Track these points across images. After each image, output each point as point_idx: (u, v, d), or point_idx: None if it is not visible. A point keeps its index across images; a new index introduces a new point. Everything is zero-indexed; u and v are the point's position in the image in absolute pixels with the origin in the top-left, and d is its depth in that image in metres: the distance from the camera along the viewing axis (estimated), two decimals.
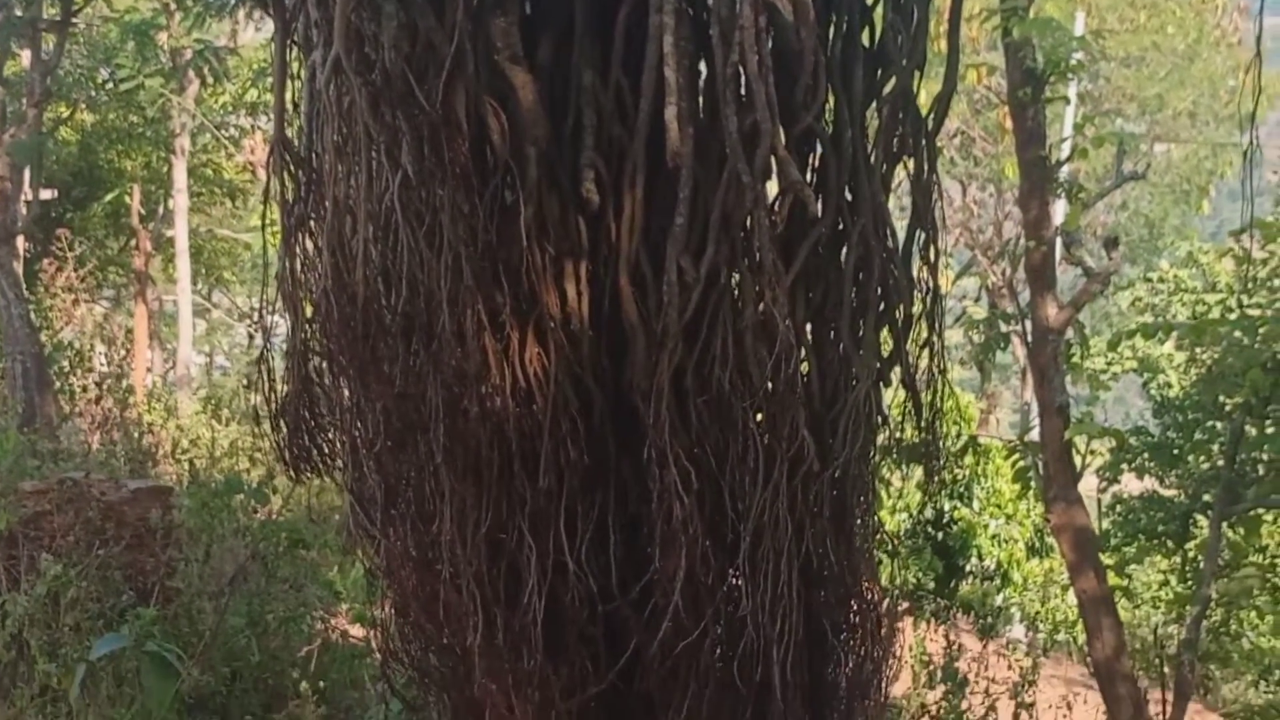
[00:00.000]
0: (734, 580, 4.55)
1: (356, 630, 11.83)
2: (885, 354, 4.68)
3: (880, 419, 4.71)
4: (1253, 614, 18.10)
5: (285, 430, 4.59)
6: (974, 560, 21.62)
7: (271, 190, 4.47)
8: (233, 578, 10.61)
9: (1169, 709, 11.78)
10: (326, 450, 4.69)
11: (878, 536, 5.02)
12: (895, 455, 5.18)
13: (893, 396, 4.79)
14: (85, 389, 18.57)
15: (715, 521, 4.43)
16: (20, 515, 9.74)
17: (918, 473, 16.86)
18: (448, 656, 4.79)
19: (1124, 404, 35.14)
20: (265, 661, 10.58)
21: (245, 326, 45.45)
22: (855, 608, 4.80)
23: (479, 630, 4.46)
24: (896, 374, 4.73)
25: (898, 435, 4.97)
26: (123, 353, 20.89)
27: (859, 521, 4.78)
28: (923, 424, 4.81)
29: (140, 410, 19.21)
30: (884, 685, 4.91)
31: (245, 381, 23.13)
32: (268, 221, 4.58)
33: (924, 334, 4.70)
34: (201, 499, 11.25)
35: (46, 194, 25.40)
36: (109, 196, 28.17)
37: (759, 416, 4.41)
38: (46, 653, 8.70)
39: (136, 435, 17.06)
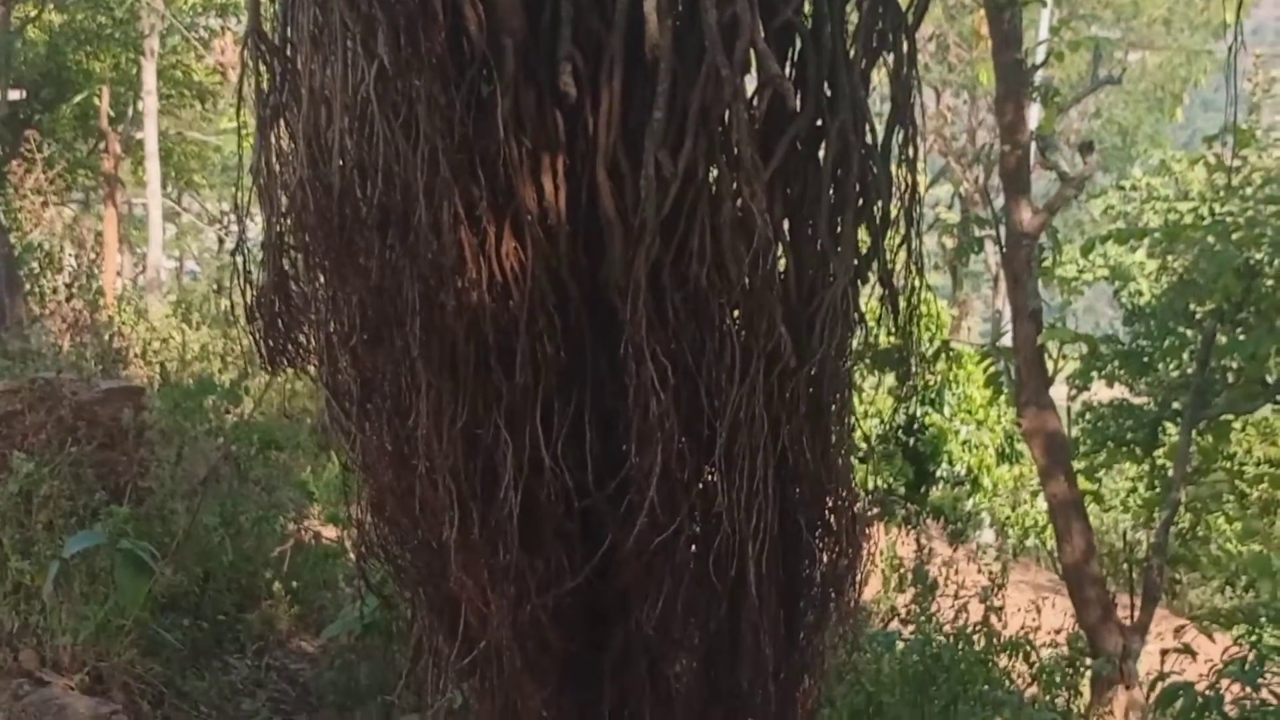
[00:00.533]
0: (710, 477, 4.55)
1: (329, 531, 11.86)
2: (863, 251, 4.66)
3: (857, 316, 4.70)
4: (1220, 520, 18.27)
5: (261, 323, 4.57)
6: (945, 466, 21.77)
7: (246, 80, 4.43)
8: (205, 478, 10.60)
9: (1137, 612, 11.88)
10: (302, 344, 4.66)
11: (852, 437, 5.02)
12: (869, 360, 5.19)
13: (869, 294, 4.77)
14: (55, 290, 18.48)
15: (691, 418, 4.43)
16: None
17: (889, 379, 16.95)
18: (423, 552, 4.79)
19: (1094, 313, 35.25)
20: (238, 562, 10.61)
21: (215, 231, 45.26)
22: (830, 504, 4.81)
23: (455, 525, 4.45)
24: (874, 271, 4.71)
25: (873, 337, 4.97)
26: (92, 256, 20.78)
27: (835, 419, 4.78)
28: (899, 322, 4.80)
29: (110, 313, 19.13)
30: (858, 581, 4.93)
31: (215, 286, 23.11)
32: (241, 119, 4.54)
33: (901, 231, 4.68)
34: (173, 400, 11.23)
35: (14, 95, 25.18)
36: (78, 98, 27.96)
37: (736, 313, 4.40)
38: (19, 550, 8.68)
39: (107, 337, 16.97)
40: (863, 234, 4.61)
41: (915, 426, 21.77)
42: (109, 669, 8.32)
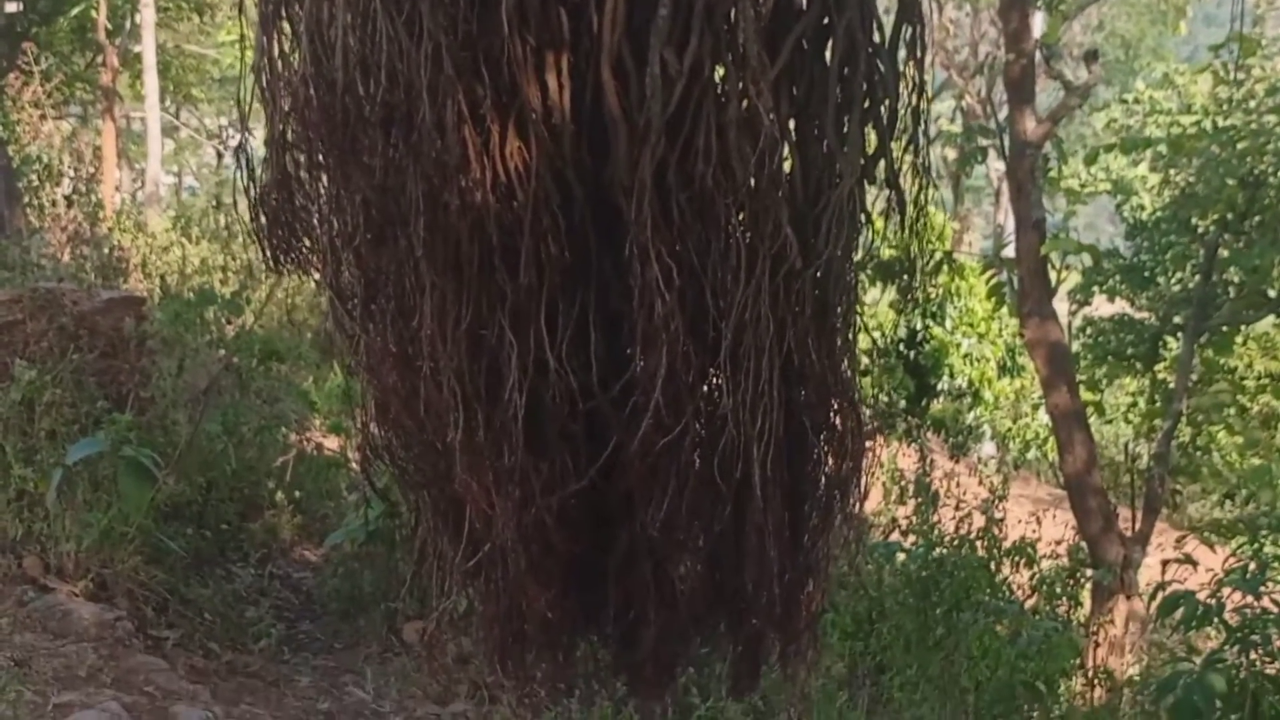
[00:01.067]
0: (715, 379, 4.54)
1: (331, 442, 11.88)
2: (869, 152, 4.62)
3: (863, 218, 4.66)
4: (1221, 435, 18.30)
5: (264, 221, 4.54)
6: (946, 379, 21.75)
7: None
8: (207, 388, 10.60)
9: (1138, 523, 11.90)
10: (306, 244, 4.64)
11: (857, 339, 5.00)
12: (871, 271, 5.17)
13: (875, 200, 4.74)
14: (54, 203, 18.38)
15: (696, 319, 4.40)
16: None
17: (891, 292, 16.92)
18: (428, 454, 4.78)
19: (1095, 230, 35.21)
20: (240, 471, 10.64)
21: (214, 145, 45.08)
22: (835, 406, 4.80)
23: (459, 427, 4.44)
24: (880, 172, 4.67)
25: (876, 249, 4.94)
26: (91, 170, 20.67)
27: (841, 321, 4.76)
28: (905, 223, 4.76)
29: (110, 225, 19.04)
30: (862, 484, 4.92)
31: (215, 201, 23.02)
32: (242, 28, 4.49)
33: (909, 131, 4.64)
34: (174, 311, 11.19)
35: (11, 7, 24.98)
36: (75, 10, 27.70)
37: (741, 214, 4.36)
38: (21, 459, 8.69)
39: (106, 250, 16.91)
40: (869, 134, 4.57)
41: (917, 340, 21.74)
42: (113, 576, 8.36)
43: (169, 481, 9.20)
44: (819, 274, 4.53)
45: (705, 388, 4.57)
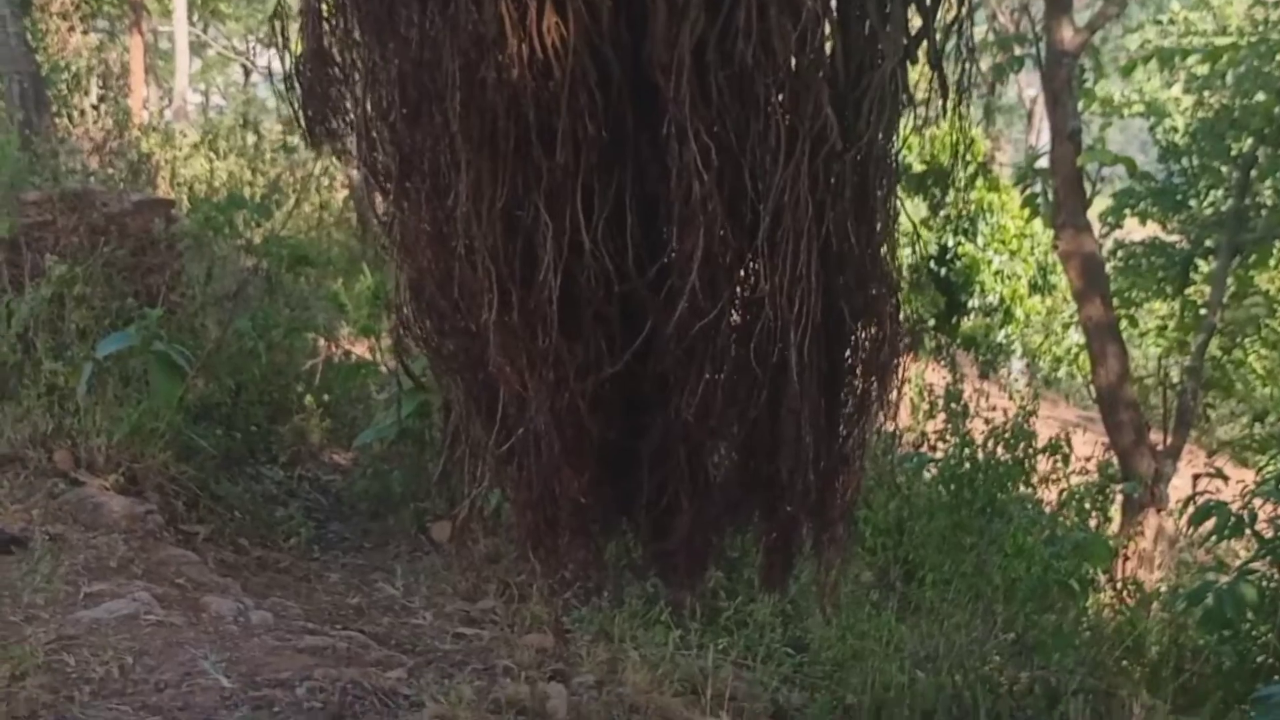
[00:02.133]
0: (752, 262, 4.49)
1: (360, 348, 11.89)
2: (912, 33, 4.55)
3: (905, 99, 4.59)
4: (1251, 358, 18.24)
5: (300, 90, 4.50)
6: (976, 296, 21.63)
7: None
8: (236, 291, 10.61)
9: (1169, 438, 11.87)
10: (341, 117, 4.60)
11: (897, 224, 4.93)
12: (903, 184, 5.10)
13: (917, 75, 4.67)
14: (83, 112, 18.38)
15: (734, 201, 4.34)
16: (23, 223, 9.68)
17: (922, 209, 16.82)
18: (461, 337, 4.75)
19: (1127, 155, 34.85)
20: (269, 375, 10.69)
21: (242, 63, 45.01)
22: (873, 292, 4.75)
23: (494, 308, 4.40)
24: (923, 53, 4.60)
25: (906, 164, 4.87)
26: (119, 84, 20.66)
27: (880, 205, 4.70)
28: (948, 106, 4.69)
29: (138, 136, 19.05)
30: (899, 372, 4.88)
31: (242, 120, 23.01)
32: None
33: (952, 12, 4.56)
34: (204, 214, 11.18)
35: None
36: None
37: (781, 95, 4.30)
38: (52, 354, 8.71)
39: (134, 158, 16.92)
40: (912, 14, 4.50)
41: (948, 256, 21.62)
42: (143, 471, 8.39)
43: (198, 383, 9.23)
44: (859, 157, 4.47)
45: (742, 271, 4.51)
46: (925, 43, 4.56)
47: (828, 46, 4.38)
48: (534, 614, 7.46)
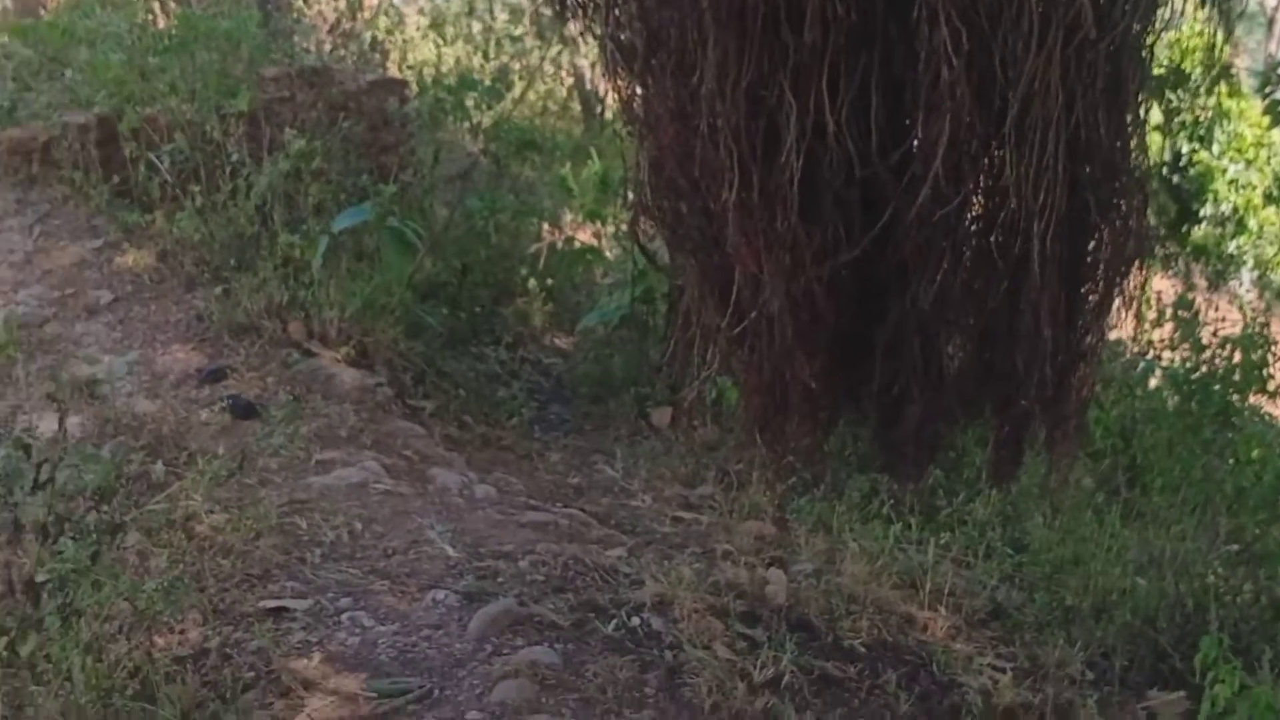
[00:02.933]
0: (997, 150, 4.41)
1: (584, 234, 11.96)
2: None
3: None
4: None
5: None
6: (1209, 205, 21.02)
7: None
8: (465, 172, 10.71)
9: None
10: None
11: (1148, 118, 4.81)
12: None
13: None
14: None
15: (983, 87, 4.26)
16: (262, 98, 9.86)
17: (1156, 113, 16.32)
18: (700, 217, 4.74)
19: None
20: (494, 258, 10.78)
21: None
22: (1120, 185, 4.64)
23: (734, 188, 4.39)
24: None
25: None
26: None
27: (1132, 97, 4.58)
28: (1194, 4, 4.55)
29: (369, 18, 19.27)
30: (1143, 267, 4.78)
31: (469, 6, 23.12)
32: None
33: None
34: (434, 97, 11.29)
35: None
36: None
37: None
38: (289, 227, 8.89)
39: (367, 41, 17.13)
40: None
41: (1180, 163, 21.02)
42: (373, 344, 8.56)
43: (426, 262, 9.37)
44: (1113, 46, 4.35)
45: (987, 159, 4.44)
46: None
47: None
48: (752, 502, 7.48)
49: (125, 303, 8.84)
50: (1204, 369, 8.62)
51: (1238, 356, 8.86)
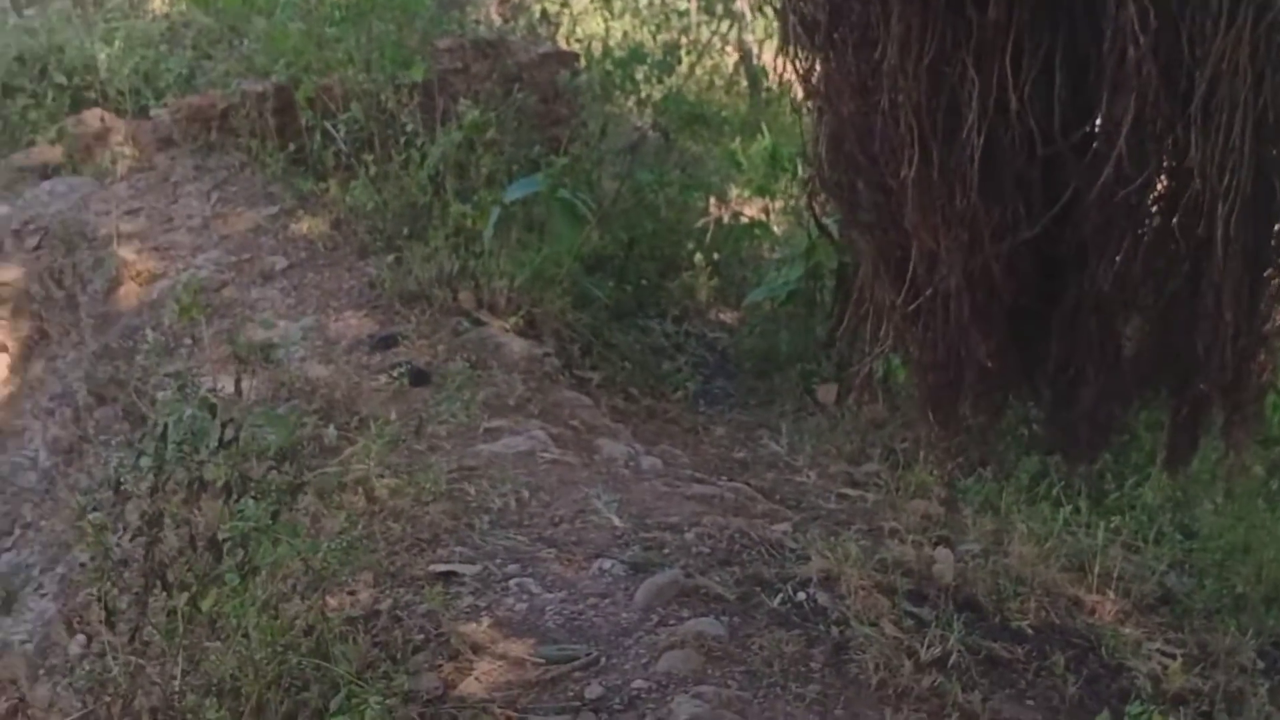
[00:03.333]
0: (1182, 131, 4.35)
1: (752, 209, 11.93)
2: None
3: None
4: None
5: None
6: None
7: None
8: (633, 145, 10.75)
9: None
10: None
11: None
12: None
13: None
14: None
15: (1169, 67, 4.21)
16: (437, 68, 9.97)
17: None
18: (878, 193, 4.74)
19: None
20: (661, 231, 10.80)
21: None
22: None
23: (914, 164, 4.38)
24: None
25: None
26: None
27: None
28: None
29: None
30: None
31: None
32: None
33: None
34: (603, 70, 11.35)
35: None
36: None
37: None
38: (460, 196, 8.99)
39: (536, 12, 17.23)
40: None
41: None
42: (541, 315, 8.62)
43: (593, 234, 9.42)
44: None
45: (1171, 140, 4.38)
46: None
47: None
48: (919, 480, 7.44)
49: (299, 269, 9.01)
50: None
51: None
